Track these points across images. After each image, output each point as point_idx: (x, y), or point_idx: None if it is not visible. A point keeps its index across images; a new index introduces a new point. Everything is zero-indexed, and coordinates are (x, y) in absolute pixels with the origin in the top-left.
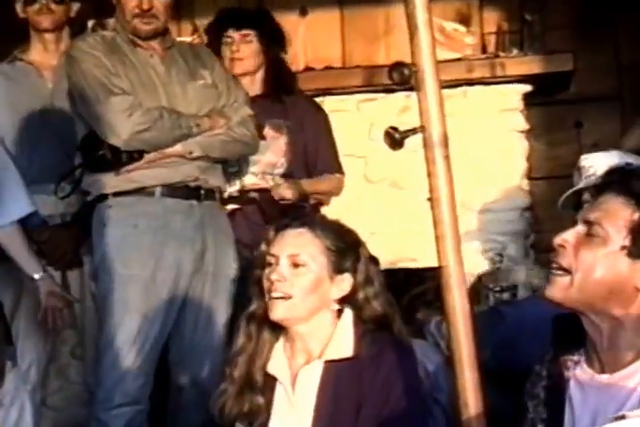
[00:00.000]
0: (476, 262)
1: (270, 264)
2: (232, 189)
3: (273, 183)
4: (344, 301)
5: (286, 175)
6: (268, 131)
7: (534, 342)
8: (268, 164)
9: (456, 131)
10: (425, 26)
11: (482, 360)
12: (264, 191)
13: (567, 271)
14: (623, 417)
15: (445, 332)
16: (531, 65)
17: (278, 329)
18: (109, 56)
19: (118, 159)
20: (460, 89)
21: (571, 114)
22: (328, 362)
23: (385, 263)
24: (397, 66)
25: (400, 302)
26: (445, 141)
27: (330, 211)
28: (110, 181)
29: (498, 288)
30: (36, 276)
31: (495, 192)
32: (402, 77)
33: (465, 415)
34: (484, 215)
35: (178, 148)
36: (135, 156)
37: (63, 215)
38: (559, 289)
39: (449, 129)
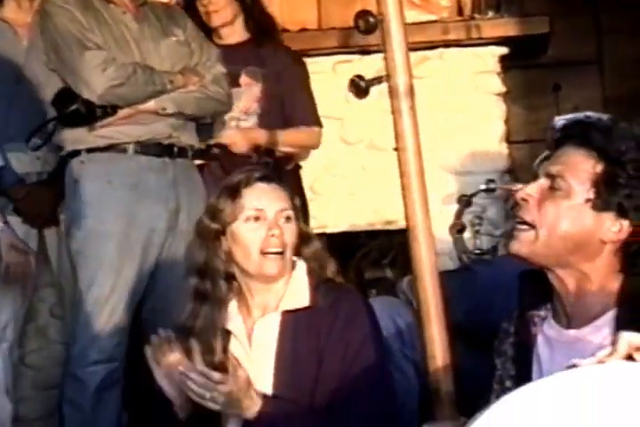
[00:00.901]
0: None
1: (257, 219)
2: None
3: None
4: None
5: (261, 124)
6: (243, 78)
7: (509, 300)
8: (241, 110)
9: (433, 93)
10: None
11: (456, 320)
12: (227, 147)
13: (531, 226)
14: (574, 366)
15: None
16: (506, 27)
17: (229, 285)
18: (83, 11)
19: (92, 114)
20: (436, 51)
21: (549, 77)
22: (285, 313)
23: (365, 225)
24: (363, 14)
25: (350, 264)
26: (411, 91)
27: (307, 172)
28: (83, 137)
29: (477, 251)
30: None
31: (474, 155)
32: (367, 25)
33: (432, 367)
34: (463, 178)
35: (151, 104)
36: (109, 111)
37: (40, 174)
38: (524, 244)
39: (426, 91)
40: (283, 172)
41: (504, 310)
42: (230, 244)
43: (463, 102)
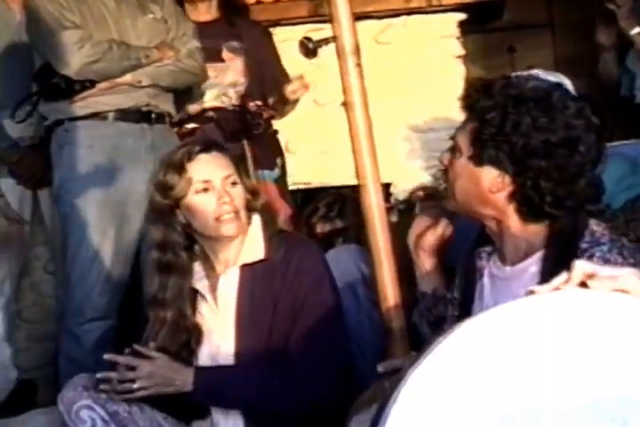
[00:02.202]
0: (422, 179)
1: (206, 190)
2: (192, 108)
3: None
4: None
5: (246, 94)
6: (225, 53)
7: (467, 244)
8: (230, 83)
9: (398, 57)
10: None
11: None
12: (222, 110)
13: (449, 186)
14: (532, 292)
15: None
16: None
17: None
18: None
19: (71, 88)
20: (400, 19)
21: (505, 40)
22: (243, 266)
23: (336, 181)
24: None
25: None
26: (357, 50)
27: (282, 133)
28: (66, 108)
29: None
30: None
31: (437, 113)
32: None
33: (384, 308)
34: (426, 135)
35: (128, 77)
36: (87, 84)
37: (32, 138)
38: (449, 202)
39: (391, 56)
40: (267, 134)
41: (463, 247)
42: (186, 216)
43: (426, 65)
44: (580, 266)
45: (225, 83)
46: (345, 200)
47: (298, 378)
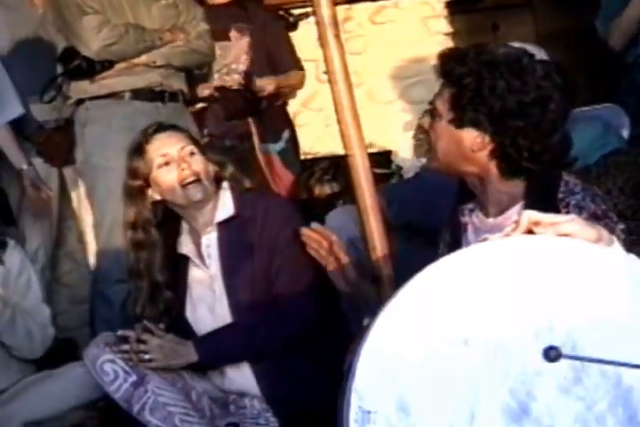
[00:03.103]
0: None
1: (167, 163)
2: (202, 90)
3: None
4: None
5: (248, 73)
6: (232, 33)
7: (452, 200)
8: (233, 60)
9: (391, 36)
10: None
11: (408, 219)
12: (226, 90)
13: (432, 148)
14: (485, 239)
15: None
16: None
17: (169, 223)
18: None
19: (92, 68)
20: (392, 0)
21: (488, 19)
22: (220, 226)
23: (339, 151)
24: None
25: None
26: (335, 22)
27: (290, 108)
28: (87, 88)
29: None
30: (23, 166)
31: (429, 86)
32: None
33: (374, 257)
34: (419, 106)
35: (143, 58)
36: (106, 65)
37: (57, 121)
38: (433, 162)
39: (385, 34)
40: (273, 107)
41: (447, 209)
42: (158, 190)
43: (417, 42)
44: (527, 215)
45: (228, 59)
46: (338, 165)
47: (281, 312)
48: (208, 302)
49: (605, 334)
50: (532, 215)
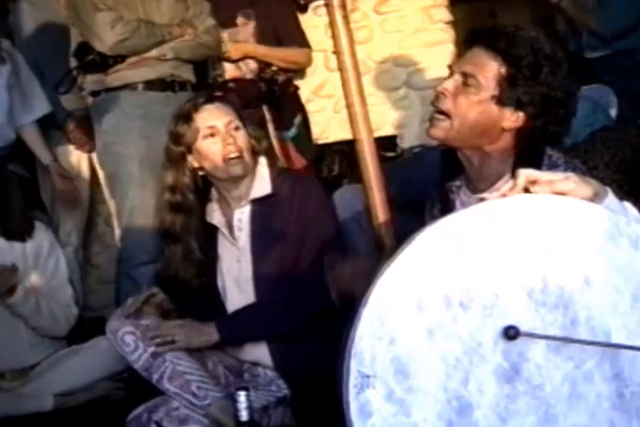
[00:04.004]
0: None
1: (212, 135)
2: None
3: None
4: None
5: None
6: (239, 19)
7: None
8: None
9: (396, 25)
10: None
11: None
12: (240, 80)
13: (447, 115)
14: (483, 199)
15: None
16: None
17: (204, 190)
18: None
19: (106, 62)
20: None
21: (486, 7)
22: (254, 202)
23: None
24: None
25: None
26: (343, 4)
27: (301, 94)
28: (102, 80)
29: None
30: (48, 161)
31: (432, 72)
32: None
33: (376, 226)
34: (425, 92)
35: (154, 52)
36: (119, 59)
37: (85, 110)
38: (440, 129)
39: (391, 23)
40: (286, 94)
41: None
42: (198, 160)
43: (420, 31)
44: (524, 173)
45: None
46: (345, 149)
47: (304, 295)
48: (234, 273)
49: (593, 293)
50: (530, 174)
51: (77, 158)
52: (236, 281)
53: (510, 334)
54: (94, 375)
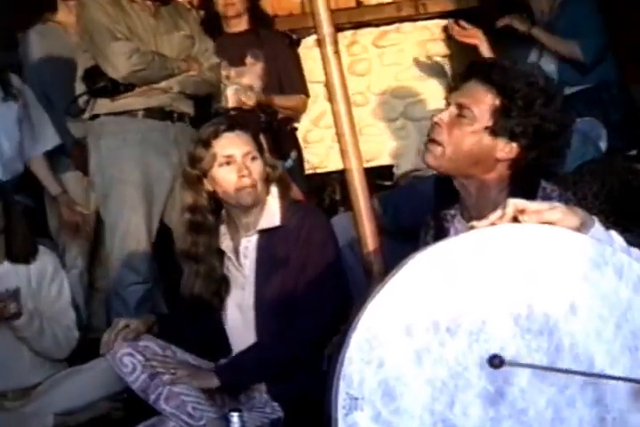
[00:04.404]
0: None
1: (229, 163)
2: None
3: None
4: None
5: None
6: (248, 58)
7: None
8: (247, 86)
9: (394, 58)
10: None
11: (400, 225)
12: (241, 111)
13: (441, 144)
14: (472, 227)
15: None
16: (446, 4)
17: (214, 218)
18: (113, 7)
19: (117, 89)
20: (393, 25)
21: None
22: (262, 231)
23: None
24: None
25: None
26: (335, 40)
27: (301, 127)
28: (104, 105)
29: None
30: (57, 193)
31: (429, 103)
32: None
33: (365, 252)
34: (421, 123)
35: (162, 84)
36: (130, 87)
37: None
38: (434, 157)
39: (389, 56)
40: (283, 130)
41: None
42: (212, 184)
43: (417, 63)
44: (512, 203)
45: (243, 84)
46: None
47: (298, 326)
48: (237, 300)
49: (578, 320)
50: (518, 203)
51: (85, 186)
52: (239, 308)
53: (495, 363)
54: (94, 395)
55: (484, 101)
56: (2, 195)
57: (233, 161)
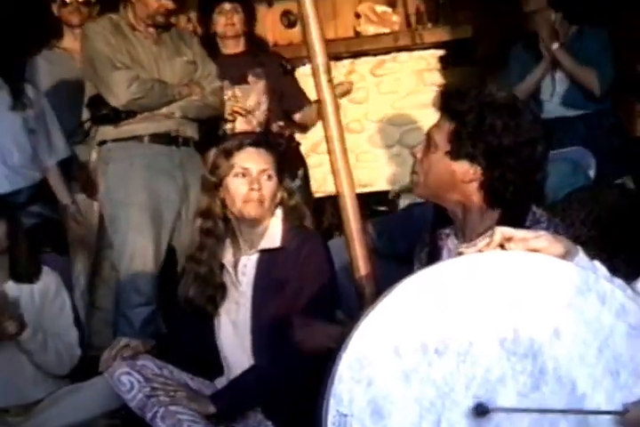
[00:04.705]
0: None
1: (243, 175)
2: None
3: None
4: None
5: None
6: (250, 77)
7: (423, 230)
8: (254, 103)
9: (390, 87)
10: None
11: (396, 250)
12: (249, 133)
13: (418, 174)
14: (460, 254)
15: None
16: (442, 34)
17: (224, 226)
18: (115, 36)
19: (118, 116)
20: (390, 55)
21: (476, 72)
22: (262, 251)
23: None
24: (286, 13)
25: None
26: (328, 69)
27: (303, 147)
28: (110, 131)
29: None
30: (66, 202)
31: (423, 131)
32: (289, 21)
33: (357, 276)
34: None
35: (163, 110)
36: (131, 114)
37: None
38: (416, 187)
39: (385, 85)
40: (290, 147)
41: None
42: (224, 193)
43: (413, 93)
44: (499, 230)
45: (249, 102)
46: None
47: (295, 349)
48: (232, 315)
49: (562, 344)
50: (505, 231)
51: (87, 205)
52: (233, 322)
53: (479, 411)
54: (93, 412)
55: (442, 128)
56: (7, 214)
57: (248, 174)
